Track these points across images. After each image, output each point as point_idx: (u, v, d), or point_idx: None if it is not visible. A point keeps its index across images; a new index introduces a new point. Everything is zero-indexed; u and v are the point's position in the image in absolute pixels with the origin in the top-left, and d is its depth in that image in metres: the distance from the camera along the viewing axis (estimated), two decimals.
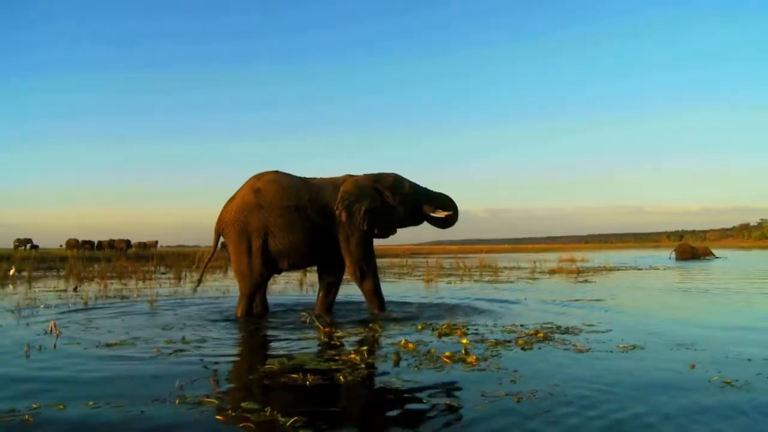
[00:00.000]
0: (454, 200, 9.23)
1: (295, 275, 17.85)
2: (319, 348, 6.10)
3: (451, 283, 15.43)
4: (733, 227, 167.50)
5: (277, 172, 8.69)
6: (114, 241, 49.30)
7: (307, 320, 7.80)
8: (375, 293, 8.76)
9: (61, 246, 63.92)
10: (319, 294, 9.16)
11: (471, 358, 5.29)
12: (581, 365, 5.23)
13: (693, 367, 5.13)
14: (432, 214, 9.11)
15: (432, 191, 9.12)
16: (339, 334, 6.86)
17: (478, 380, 4.69)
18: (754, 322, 8.15)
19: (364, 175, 8.83)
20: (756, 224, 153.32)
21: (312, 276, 17.48)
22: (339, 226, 8.44)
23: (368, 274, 8.66)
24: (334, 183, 8.70)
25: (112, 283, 14.63)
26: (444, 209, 9.06)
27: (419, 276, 18.15)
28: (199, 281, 9.58)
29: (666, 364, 5.27)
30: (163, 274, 19.97)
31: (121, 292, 12.30)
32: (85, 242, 48.45)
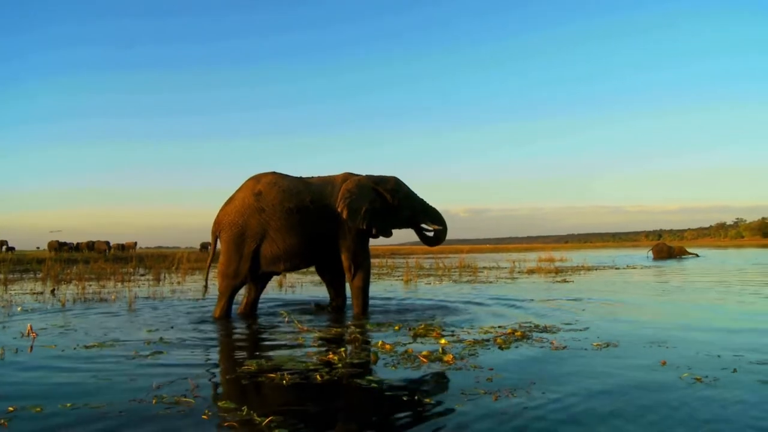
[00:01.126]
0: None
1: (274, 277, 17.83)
2: (298, 348, 6.13)
3: (430, 283, 15.51)
4: (710, 226, 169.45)
5: (274, 173, 8.72)
6: (94, 242, 48.85)
7: (287, 320, 7.84)
8: (363, 292, 8.86)
9: (38, 248, 63.32)
10: (330, 294, 9.37)
11: (448, 357, 5.35)
12: (558, 363, 5.32)
13: (664, 363, 5.25)
14: (423, 226, 9.38)
15: (427, 203, 9.36)
16: (317, 334, 6.90)
17: (456, 379, 4.77)
18: (725, 320, 8.29)
19: (366, 175, 8.95)
20: (732, 223, 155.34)
21: (291, 277, 17.53)
22: (338, 224, 8.55)
23: (361, 271, 8.78)
24: (333, 182, 8.79)
25: (90, 285, 14.51)
26: (436, 224, 9.33)
27: (399, 276, 18.20)
28: (205, 286, 9.72)
29: (639, 361, 5.37)
30: (142, 275, 19.83)
31: (99, 294, 12.21)
32: (63, 244, 48.00)
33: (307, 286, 14.84)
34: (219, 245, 8.70)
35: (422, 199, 9.36)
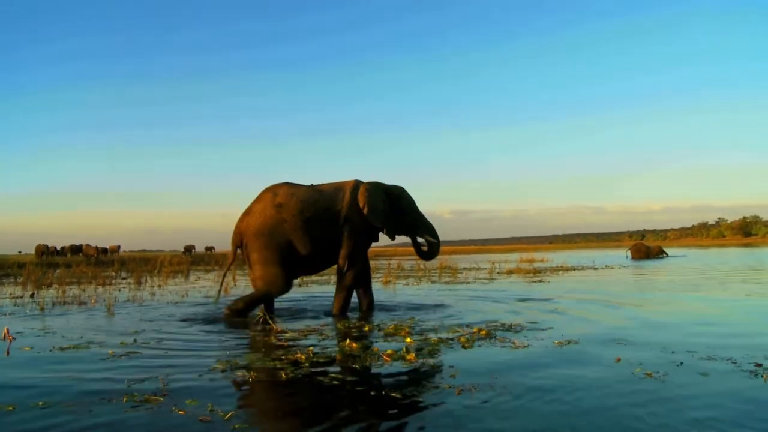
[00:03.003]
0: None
1: None
2: (269, 348, 6.32)
3: (408, 284, 15.70)
4: (693, 226, 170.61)
5: (288, 184, 9.06)
6: (80, 246, 48.33)
7: (261, 320, 8.04)
8: (348, 292, 9.25)
9: (20, 252, 62.74)
10: (358, 295, 9.62)
11: (410, 356, 5.56)
12: (518, 361, 5.50)
13: (618, 360, 5.45)
14: (420, 239, 9.95)
15: (425, 216, 9.96)
16: (289, 335, 7.09)
17: (420, 375, 5.01)
18: (688, 319, 8.51)
19: (376, 182, 9.52)
20: (714, 223, 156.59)
21: None
22: (347, 227, 8.95)
23: (352, 272, 9.16)
24: (343, 188, 9.20)
25: (70, 289, 14.57)
26: (431, 236, 9.87)
27: (379, 278, 18.36)
28: (219, 294, 9.85)
29: (595, 358, 5.58)
30: (124, 279, 19.90)
31: (79, 297, 12.28)
32: (47, 247, 47.48)
33: None
34: (238, 255, 8.98)
35: (421, 212, 9.93)
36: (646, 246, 36.24)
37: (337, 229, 8.90)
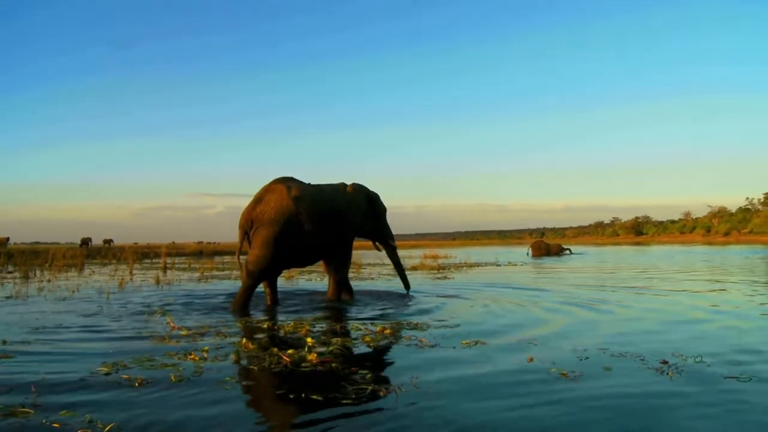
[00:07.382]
0: None
1: (152, 273, 17.36)
2: (160, 348, 5.90)
3: (311, 279, 15.49)
4: (590, 225, 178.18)
5: (294, 179, 9.42)
6: None
7: (157, 316, 7.68)
8: (345, 283, 10.15)
9: None
10: (329, 284, 10.27)
11: (312, 356, 5.27)
12: (428, 361, 5.36)
13: (531, 360, 5.34)
14: (380, 243, 11.08)
15: (389, 226, 11.11)
16: (184, 333, 6.70)
17: (328, 377, 4.73)
18: (593, 314, 8.53)
19: (361, 184, 10.47)
20: (609, 222, 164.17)
21: (170, 274, 17.00)
22: (343, 225, 9.68)
23: (346, 268, 10.14)
24: (337, 189, 9.94)
25: None
26: (393, 244, 11.14)
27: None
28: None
29: (507, 358, 5.48)
30: (10, 273, 18.68)
31: None
32: None
33: (184, 282, 14.48)
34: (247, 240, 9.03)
35: (386, 221, 11.00)
36: (546, 243, 37.30)
37: (339, 226, 9.55)
